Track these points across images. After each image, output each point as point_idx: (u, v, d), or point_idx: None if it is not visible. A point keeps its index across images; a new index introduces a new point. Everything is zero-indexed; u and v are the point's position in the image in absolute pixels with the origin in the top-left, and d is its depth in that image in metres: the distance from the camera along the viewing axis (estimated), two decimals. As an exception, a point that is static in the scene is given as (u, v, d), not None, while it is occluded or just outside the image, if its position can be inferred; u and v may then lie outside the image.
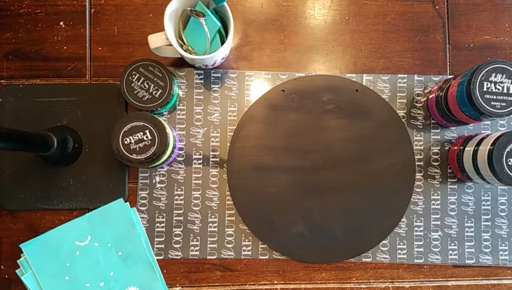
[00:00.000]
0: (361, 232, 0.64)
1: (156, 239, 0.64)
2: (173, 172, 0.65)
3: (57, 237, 0.62)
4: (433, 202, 0.66)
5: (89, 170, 0.64)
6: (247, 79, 0.66)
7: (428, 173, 0.66)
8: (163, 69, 0.61)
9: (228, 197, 0.65)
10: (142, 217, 0.64)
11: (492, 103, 0.54)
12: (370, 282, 0.65)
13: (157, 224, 0.65)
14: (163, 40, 0.58)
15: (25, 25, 0.66)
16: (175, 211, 0.65)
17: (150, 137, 0.57)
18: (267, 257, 0.65)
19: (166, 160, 0.61)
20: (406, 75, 0.67)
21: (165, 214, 0.65)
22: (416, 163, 0.66)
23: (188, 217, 0.65)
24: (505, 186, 0.63)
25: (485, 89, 0.54)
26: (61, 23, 0.66)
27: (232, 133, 0.65)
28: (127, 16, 0.66)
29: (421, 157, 0.66)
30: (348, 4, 0.68)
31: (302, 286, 0.65)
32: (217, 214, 0.65)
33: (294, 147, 0.65)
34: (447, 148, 0.66)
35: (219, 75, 0.66)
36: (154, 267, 0.63)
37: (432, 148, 0.66)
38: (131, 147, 0.57)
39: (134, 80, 0.61)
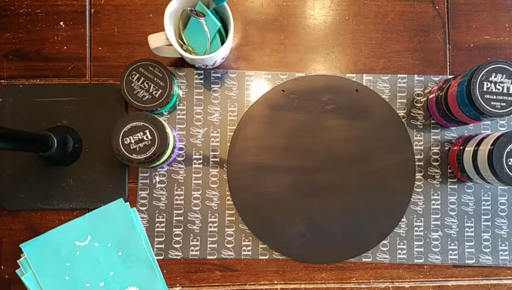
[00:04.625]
0: (361, 232, 0.64)
1: (156, 239, 0.64)
2: (173, 172, 0.65)
3: (57, 237, 0.62)
4: (433, 202, 0.66)
5: (89, 170, 0.64)
6: (247, 79, 0.66)
7: (428, 173, 0.66)
8: (163, 69, 0.61)
9: (228, 197, 0.65)
10: (142, 217, 0.64)
11: (492, 103, 0.54)
12: (370, 282, 0.65)
13: (157, 224, 0.65)
14: (163, 40, 0.58)
15: (25, 25, 0.66)
16: (175, 211, 0.65)
17: (150, 137, 0.57)
18: (267, 257, 0.65)
19: (166, 160, 0.61)
20: (406, 75, 0.67)
21: (165, 214, 0.65)
22: (416, 163, 0.66)
23: (188, 217, 0.65)
24: (505, 186, 0.63)
25: (485, 89, 0.54)
26: (61, 23, 0.66)
27: (232, 133, 0.65)
28: (127, 16, 0.66)
29: (421, 157, 0.66)
30: (348, 4, 0.68)
31: (302, 286, 0.65)
32: (217, 214, 0.65)
33: (294, 147, 0.65)
34: (447, 148, 0.66)
35: (219, 75, 0.66)
36: (154, 267, 0.63)
37: (432, 148, 0.66)
38: (131, 147, 0.57)
39: (134, 80, 0.61)
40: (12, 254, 0.63)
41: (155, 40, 0.58)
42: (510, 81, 0.54)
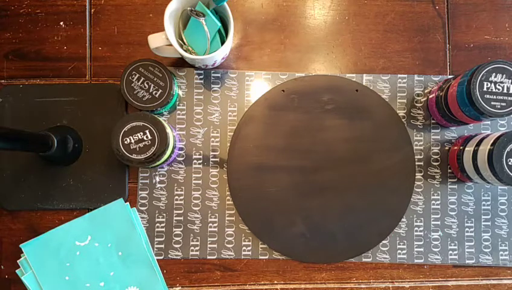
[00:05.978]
0: (361, 232, 0.64)
1: (156, 239, 0.64)
2: (173, 172, 0.65)
3: (57, 237, 0.62)
4: (433, 202, 0.66)
5: (89, 170, 0.64)
6: (247, 79, 0.66)
7: (428, 173, 0.66)
8: (163, 69, 0.61)
9: (228, 197, 0.65)
10: (142, 217, 0.64)
11: (492, 103, 0.54)
12: (370, 282, 0.65)
13: (157, 224, 0.65)
14: (163, 40, 0.58)
15: (25, 25, 0.66)
16: (175, 211, 0.65)
17: (150, 137, 0.57)
18: (267, 257, 0.65)
19: (166, 160, 0.61)
20: (406, 75, 0.67)
21: (165, 214, 0.65)
22: (416, 163, 0.66)
23: (188, 217, 0.65)
24: (505, 186, 0.63)
25: (485, 89, 0.54)
26: (61, 23, 0.66)
27: (232, 133, 0.65)
28: (127, 16, 0.66)
29: (421, 157, 0.66)
30: (348, 4, 0.68)
31: (302, 286, 0.65)
32: (217, 214, 0.65)
33: (294, 147, 0.65)
34: (447, 148, 0.66)
35: (219, 75, 0.66)
36: (154, 267, 0.63)
37: (432, 148, 0.66)
38: (131, 147, 0.57)
39: (134, 80, 0.61)
40: (12, 254, 0.63)
41: (155, 40, 0.58)
42: (510, 81, 0.54)
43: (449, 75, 0.67)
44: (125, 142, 0.57)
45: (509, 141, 0.54)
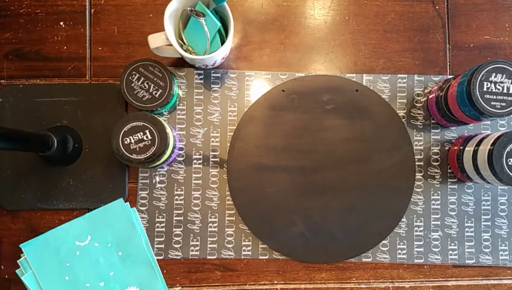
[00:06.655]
0: (361, 232, 0.64)
1: (156, 239, 0.64)
2: (173, 172, 0.65)
3: (57, 237, 0.62)
4: (433, 202, 0.66)
5: (89, 170, 0.64)
6: (247, 79, 0.66)
7: (428, 173, 0.66)
8: (163, 69, 0.61)
9: (228, 197, 0.65)
10: (142, 217, 0.64)
11: (492, 103, 0.54)
12: (370, 282, 0.65)
13: (157, 224, 0.65)
14: (163, 40, 0.58)
15: (25, 25, 0.66)
16: (175, 211, 0.65)
17: (150, 137, 0.57)
18: (267, 257, 0.65)
19: (166, 160, 0.61)
20: (406, 75, 0.67)
21: (165, 214, 0.65)
22: (416, 163, 0.66)
23: (188, 217, 0.65)
24: (505, 186, 0.63)
25: (485, 89, 0.54)
26: (61, 23, 0.66)
27: (232, 133, 0.65)
28: (127, 16, 0.66)
29: (421, 157, 0.66)
30: (348, 4, 0.68)
31: (302, 286, 0.65)
32: (217, 214, 0.65)
33: (294, 147, 0.65)
34: (447, 148, 0.66)
35: (219, 75, 0.66)
36: (154, 267, 0.63)
37: (432, 148, 0.66)
38: (131, 147, 0.57)
39: (134, 80, 0.61)
40: (12, 254, 0.63)
41: (155, 40, 0.58)
42: (510, 81, 0.54)
43: (449, 75, 0.67)
44: (125, 142, 0.57)
45: (509, 141, 0.54)
